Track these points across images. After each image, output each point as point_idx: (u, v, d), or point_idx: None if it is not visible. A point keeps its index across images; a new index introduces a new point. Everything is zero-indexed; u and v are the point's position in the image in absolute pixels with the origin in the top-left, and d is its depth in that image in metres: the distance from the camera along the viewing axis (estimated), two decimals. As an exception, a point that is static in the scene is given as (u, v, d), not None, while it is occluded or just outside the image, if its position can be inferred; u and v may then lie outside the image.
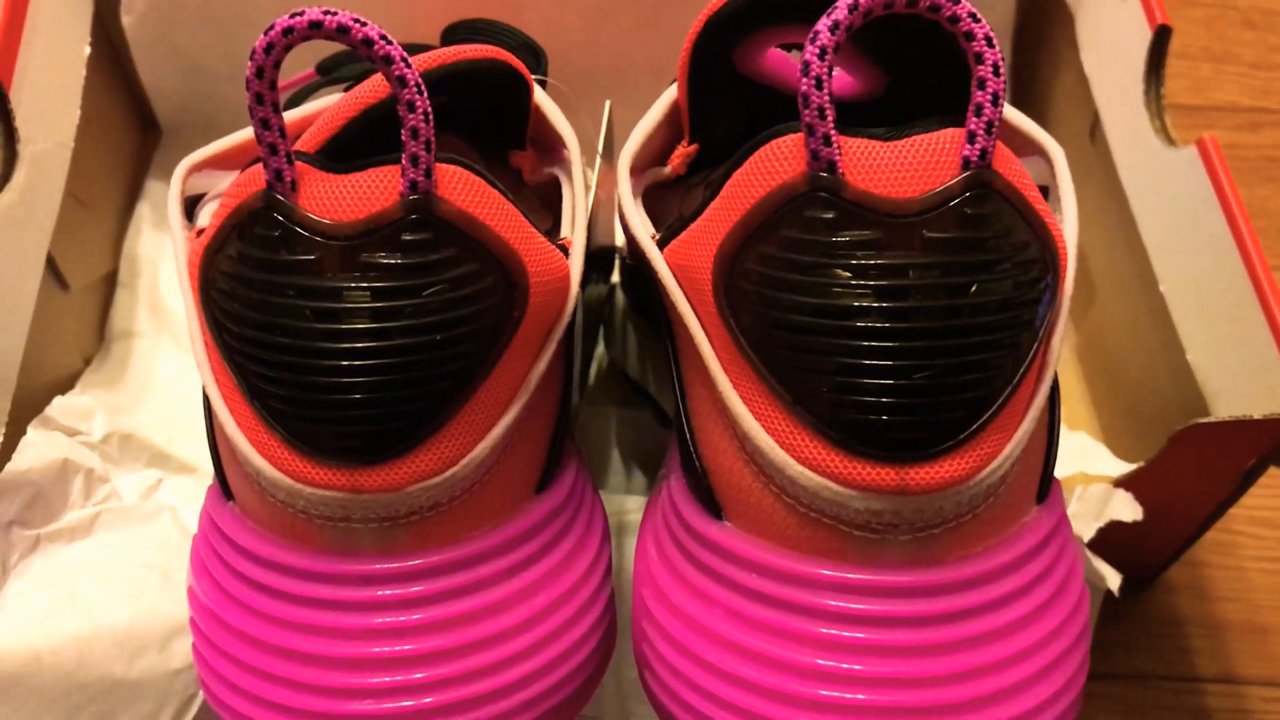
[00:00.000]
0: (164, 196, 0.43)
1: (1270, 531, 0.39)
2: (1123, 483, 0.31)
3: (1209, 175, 0.33)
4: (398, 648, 0.22)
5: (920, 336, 0.20)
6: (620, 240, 0.38)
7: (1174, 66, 0.50)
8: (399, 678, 0.22)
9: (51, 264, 0.36)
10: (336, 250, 0.21)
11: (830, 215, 0.20)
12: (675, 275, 0.23)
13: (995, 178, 0.20)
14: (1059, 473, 0.24)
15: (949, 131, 0.20)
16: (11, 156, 0.34)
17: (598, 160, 0.32)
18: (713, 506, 0.23)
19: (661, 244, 0.24)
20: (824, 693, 0.21)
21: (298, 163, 0.21)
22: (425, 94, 0.21)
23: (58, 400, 0.33)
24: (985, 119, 0.20)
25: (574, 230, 0.26)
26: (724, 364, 0.22)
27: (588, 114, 0.31)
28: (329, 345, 0.21)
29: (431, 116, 0.21)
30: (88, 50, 0.38)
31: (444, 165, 0.21)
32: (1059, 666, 0.22)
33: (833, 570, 0.21)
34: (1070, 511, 0.31)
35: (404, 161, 0.21)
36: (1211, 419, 0.29)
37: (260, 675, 0.23)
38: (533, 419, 0.24)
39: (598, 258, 0.39)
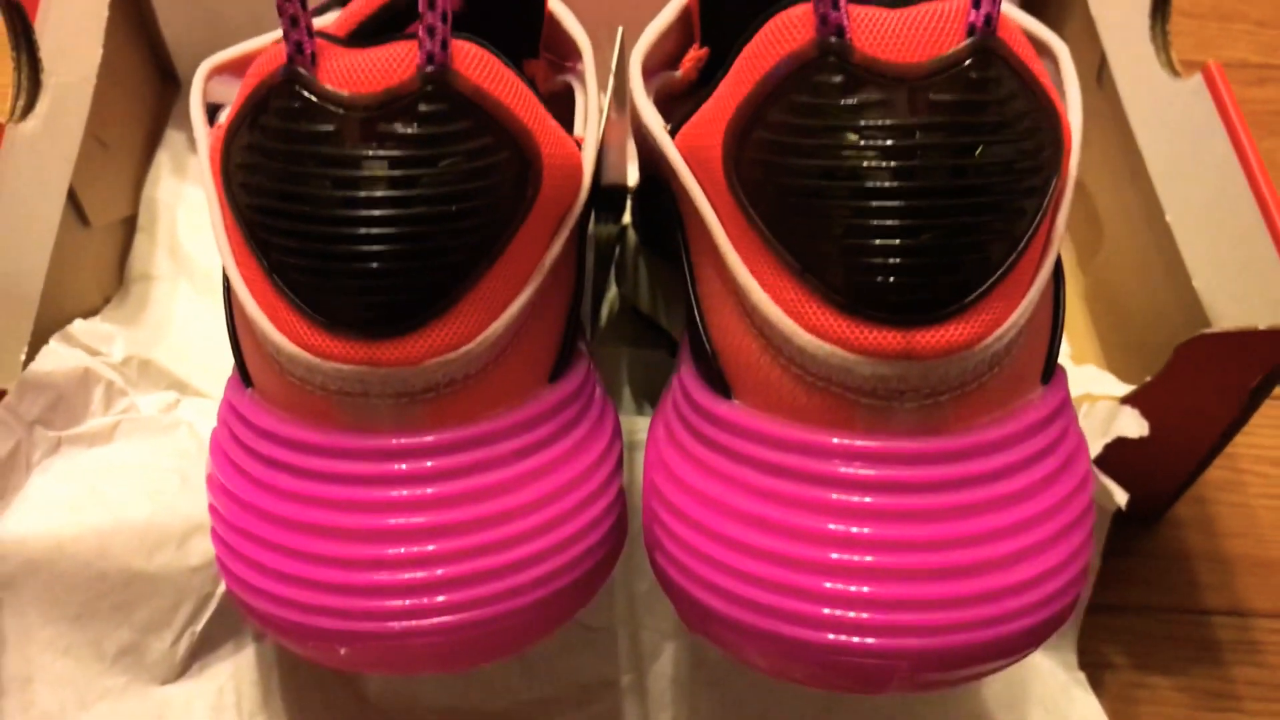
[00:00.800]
0: (183, 146, 0.44)
1: (1278, 470, 0.40)
2: (1129, 400, 0.32)
3: (1214, 99, 0.33)
4: (412, 520, 0.23)
5: (927, 195, 0.20)
6: (632, 180, 0.38)
7: (1182, 24, 0.51)
8: (414, 549, 0.23)
9: (74, 198, 0.36)
10: (355, 121, 0.21)
11: (839, 79, 0.20)
12: (686, 159, 0.23)
13: (1000, 45, 0.21)
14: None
15: (955, 0, 0.21)
16: (35, 86, 0.35)
17: (610, 83, 0.32)
18: (722, 386, 0.23)
19: (673, 133, 0.24)
20: (834, 556, 0.21)
21: (317, 39, 0.22)
22: (441, -34, 0.21)
23: (79, 322, 0.33)
24: (989, -15, 0.20)
25: (587, 128, 0.26)
26: (733, 239, 0.22)
27: (605, 40, 0.31)
28: (347, 213, 0.21)
29: (449, -11, 0.21)
30: (110, -8, 0.39)
31: (460, 42, 0.22)
32: (1063, 540, 0.23)
33: (841, 438, 0.22)
34: (1077, 427, 0.31)
35: (420, 32, 0.21)
36: (1216, 329, 0.30)
37: (279, 550, 0.23)
38: (546, 306, 0.24)
39: (608, 197, 0.39)
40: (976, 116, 0.20)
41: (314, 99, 0.21)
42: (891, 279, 0.20)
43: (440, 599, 0.23)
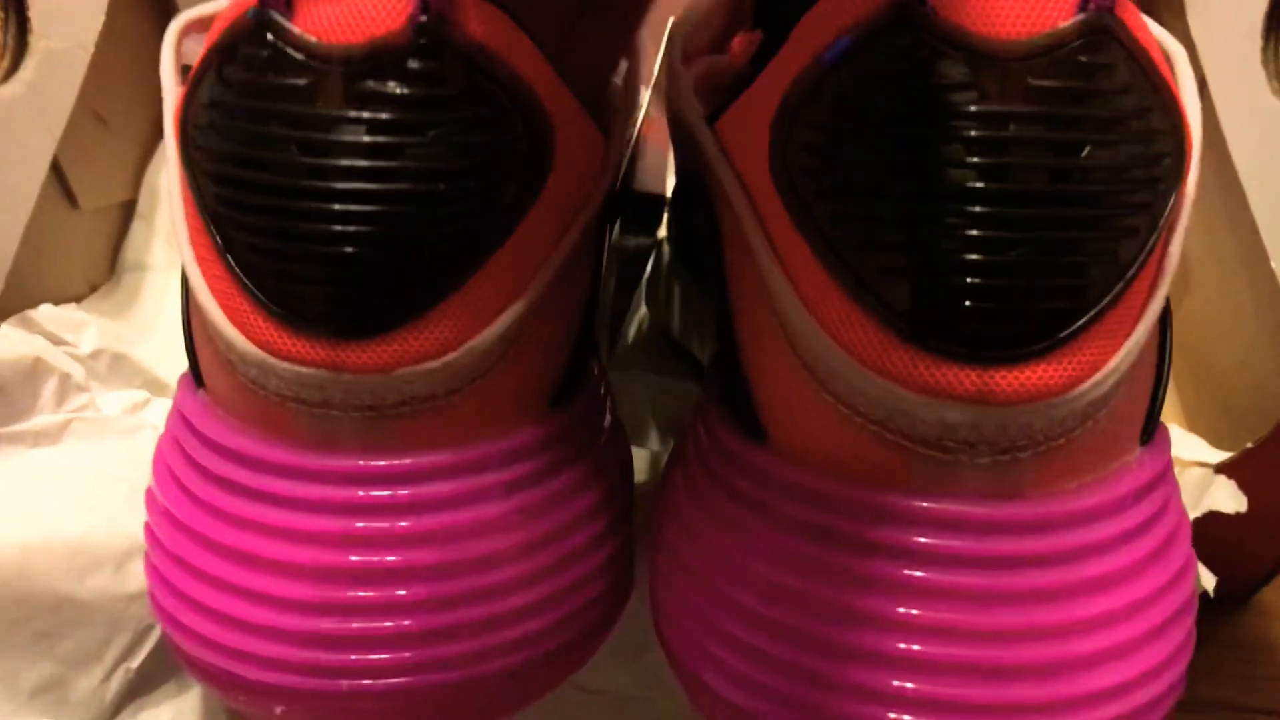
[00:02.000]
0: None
1: (1380, 559, 0.35)
2: (1223, 468, 0.27)
3: (1338, 132, 0.29)
4: (379, 558, 0.19)
5: (1019, 202, 0.16)
6: (670, 191, 0.35)
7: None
8: (371, 593, 0.19)
9: (60, 175, 0.34)
10: (330, 76, 0.18)
11: (917, 51, 0.17)
12: (726, 151, 0.20)
13: (1119, 25, 0.17)
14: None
15: (1065, -32, 0.17)
16: (21, 48, 0.32)
17: (654, 79, 0.29)
18: (753, 425, 0.20)
19: (711, 120, 0.20)
20: (870, 641, 0.18)
21: (298, -16, 0.18)
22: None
23: (46, 307, 0.30)
24: (1110, -50, 0.17)
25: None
26: (774, 244, 0.18)
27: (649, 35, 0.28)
28: (316, 184, 0.18)
29: (451, -73, 0.18)
30: (119, -41, 0.36)
31: (465, -7, 0.18)
32: (1157, 639, 0.18)
33: (893, 496, 0.18)
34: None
35: (417, -24, 0.18)
36: (1337, 394, 0.26)
37: (211, 582, 0.20)
38: (551, 315, 0.21)
39: (644, 207, 0.36)
40: (1085, 109, 0.16)
41: (284, 47, 0.18)
42: (968, 303, 0.16)
43: (399, 656, 0.19)
